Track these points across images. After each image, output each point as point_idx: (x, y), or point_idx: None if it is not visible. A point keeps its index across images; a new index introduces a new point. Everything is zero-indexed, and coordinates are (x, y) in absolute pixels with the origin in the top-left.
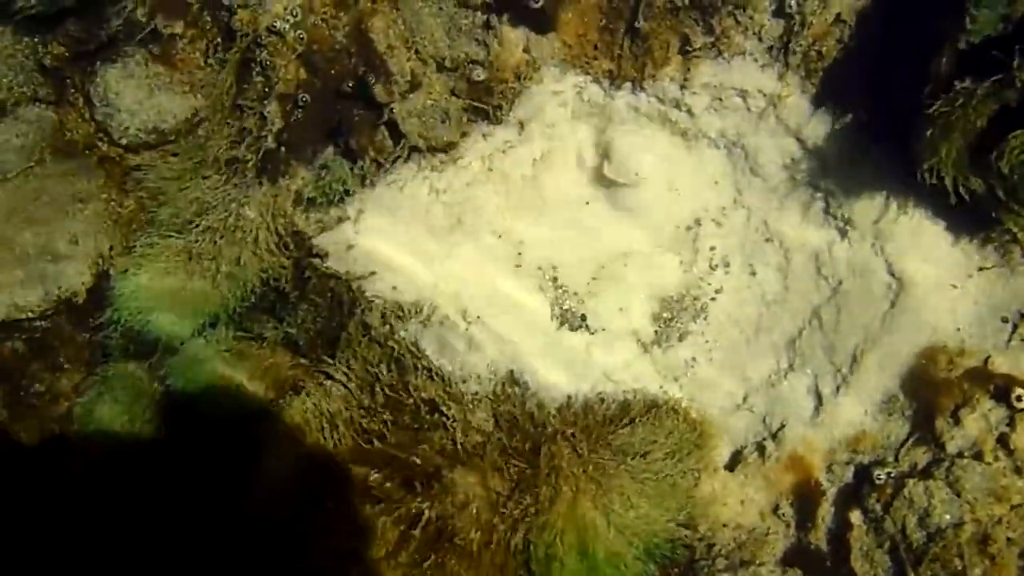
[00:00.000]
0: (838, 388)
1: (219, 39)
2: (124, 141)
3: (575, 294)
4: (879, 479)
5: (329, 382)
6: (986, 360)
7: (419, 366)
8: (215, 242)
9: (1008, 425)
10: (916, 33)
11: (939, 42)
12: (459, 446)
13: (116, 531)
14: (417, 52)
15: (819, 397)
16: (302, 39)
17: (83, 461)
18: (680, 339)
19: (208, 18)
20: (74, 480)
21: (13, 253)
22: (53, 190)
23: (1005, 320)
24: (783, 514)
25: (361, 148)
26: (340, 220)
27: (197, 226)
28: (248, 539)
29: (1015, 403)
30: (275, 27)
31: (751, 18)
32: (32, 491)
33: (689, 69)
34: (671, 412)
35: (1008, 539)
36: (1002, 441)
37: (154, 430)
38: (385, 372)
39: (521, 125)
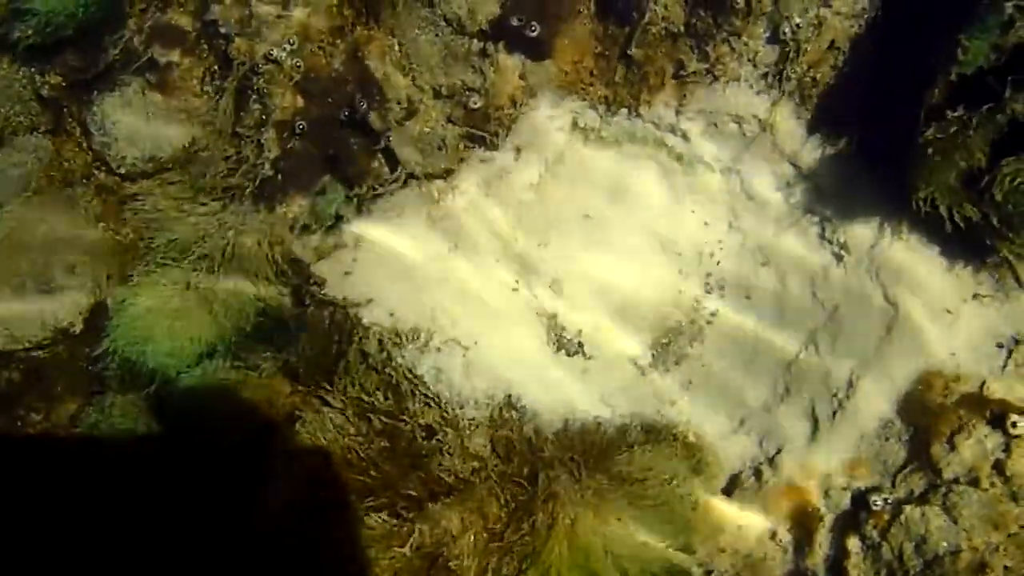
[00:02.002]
0: (834, 413)
1: (216, 67)
2: (122, 169)
3: (572, 319)
4: (876, 505)
5: (326, 409)
6: (981, 386)
7: (416, 392)
8: (212, 270)
9: (1004, 451)
10: (910, 58)
11: (933, 68)
12: (456, 472)
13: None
14: (414, 79)
15: (815, 422)
16: (299, 67)
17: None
18: (677, 363)
19: (205, 46)
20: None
21: (10, 283)
22: (50, 219)
23: (1000, 346)
24: (780, 540)
25: (358, 175)
26: (337, 247)
27: (194, 254)
28: (242, 565)
29: (1011, 429)
30: (272, 55)
31: (746, 44)
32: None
33: (684, 95)
34: (668, 437)
35: (1005, 567)
36: (998, 467)
37: (150, 460)
38: (382, 399)
39: (518, 151)
